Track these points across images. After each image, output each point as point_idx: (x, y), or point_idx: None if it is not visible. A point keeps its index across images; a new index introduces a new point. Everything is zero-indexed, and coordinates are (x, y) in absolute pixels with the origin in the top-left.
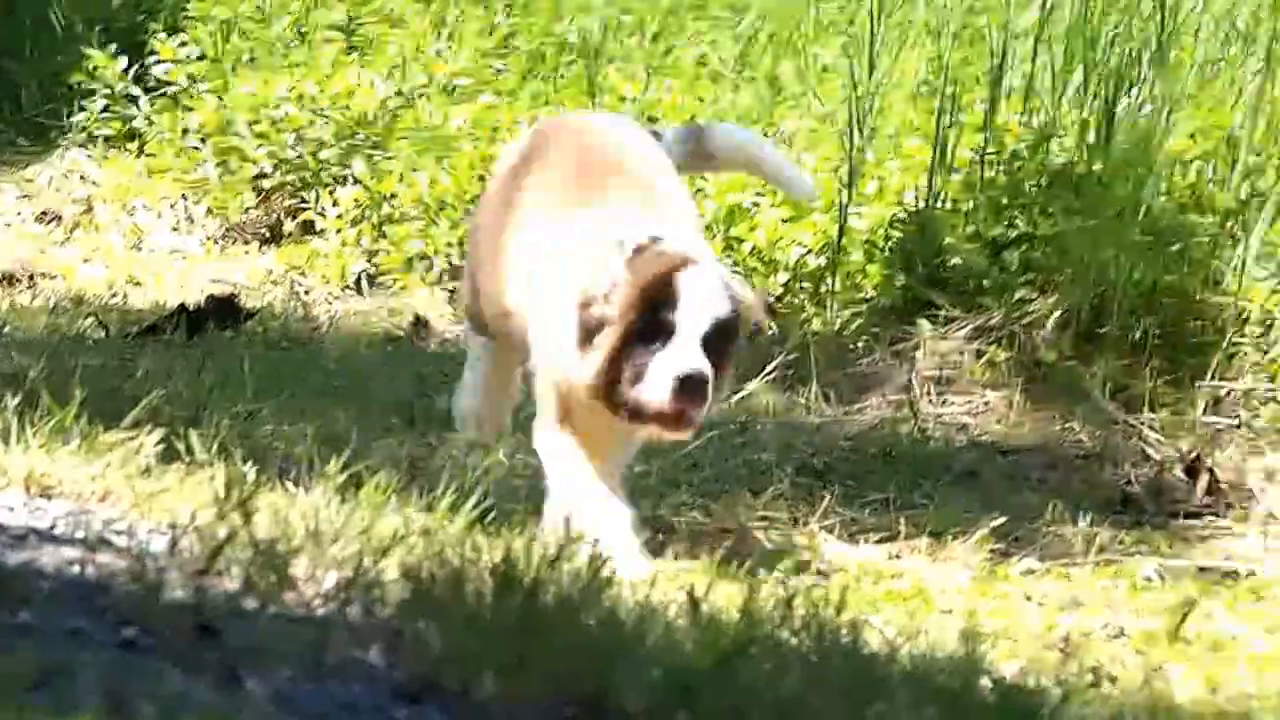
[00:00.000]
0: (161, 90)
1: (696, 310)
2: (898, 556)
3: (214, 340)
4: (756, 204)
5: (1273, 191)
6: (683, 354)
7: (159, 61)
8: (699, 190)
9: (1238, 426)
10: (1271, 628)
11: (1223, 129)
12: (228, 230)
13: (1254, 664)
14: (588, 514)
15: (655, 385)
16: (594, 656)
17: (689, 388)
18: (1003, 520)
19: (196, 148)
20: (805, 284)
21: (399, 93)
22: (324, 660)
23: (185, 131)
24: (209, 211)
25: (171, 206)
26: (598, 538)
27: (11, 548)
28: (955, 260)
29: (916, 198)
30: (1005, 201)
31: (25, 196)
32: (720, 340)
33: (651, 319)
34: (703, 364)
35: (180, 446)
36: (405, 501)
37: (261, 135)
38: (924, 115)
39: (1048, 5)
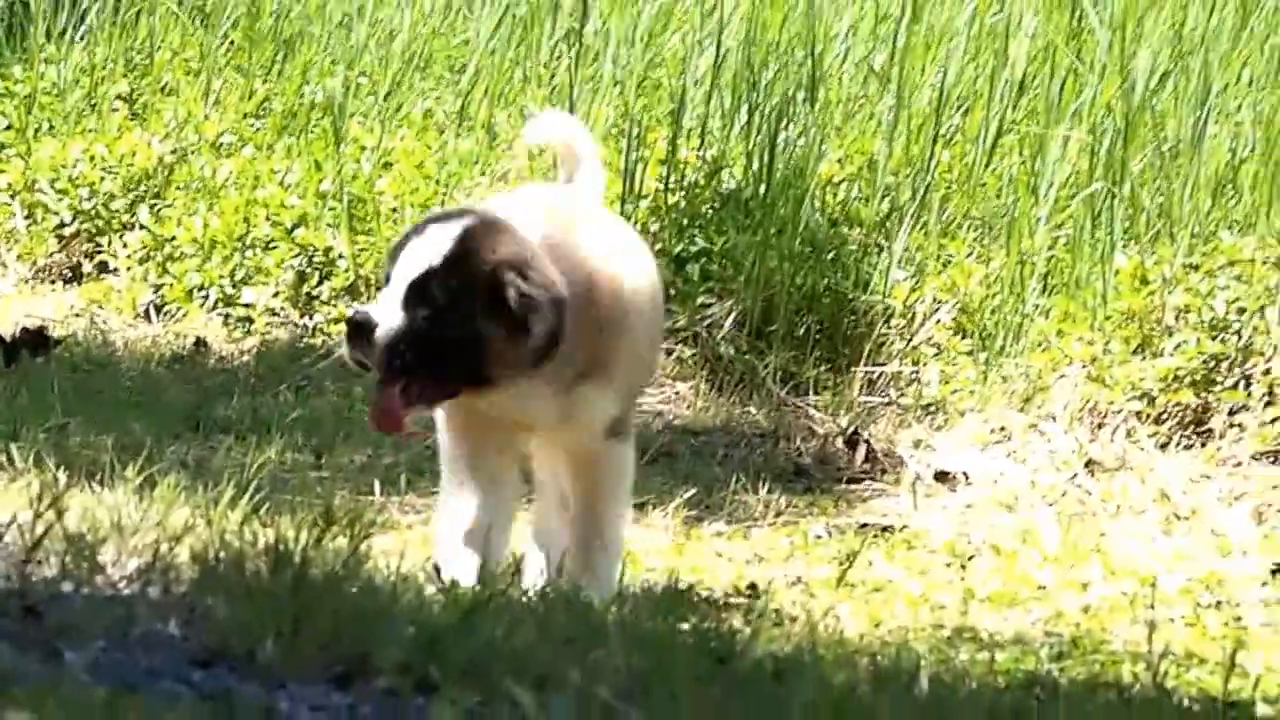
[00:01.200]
0: None
1: (405, 262)
2: None
3: (28, 367)
4: None
5: (908, 207)
6: (369, 304)
7: None
8: None
9: (888, 404)
10: (922, 571)
11: (865, 155)
12: (36, 272)
13: (909, 602)
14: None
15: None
16: (356, 620)
17: (352, 331)
18: (695, 491)
19: (7, 203)
20: None
21: (174, 150)
22: (130, 633)
23: None
24: (19, 257)
25: None
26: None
27: None
28: None
29: None
30: (686, 222)
31: None
32: (443, 295)
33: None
34: (374, 310)
35: (2, 458)
36: (193, 496)
37: (61, 191)
38: (615, 153)
39: (719, 56)
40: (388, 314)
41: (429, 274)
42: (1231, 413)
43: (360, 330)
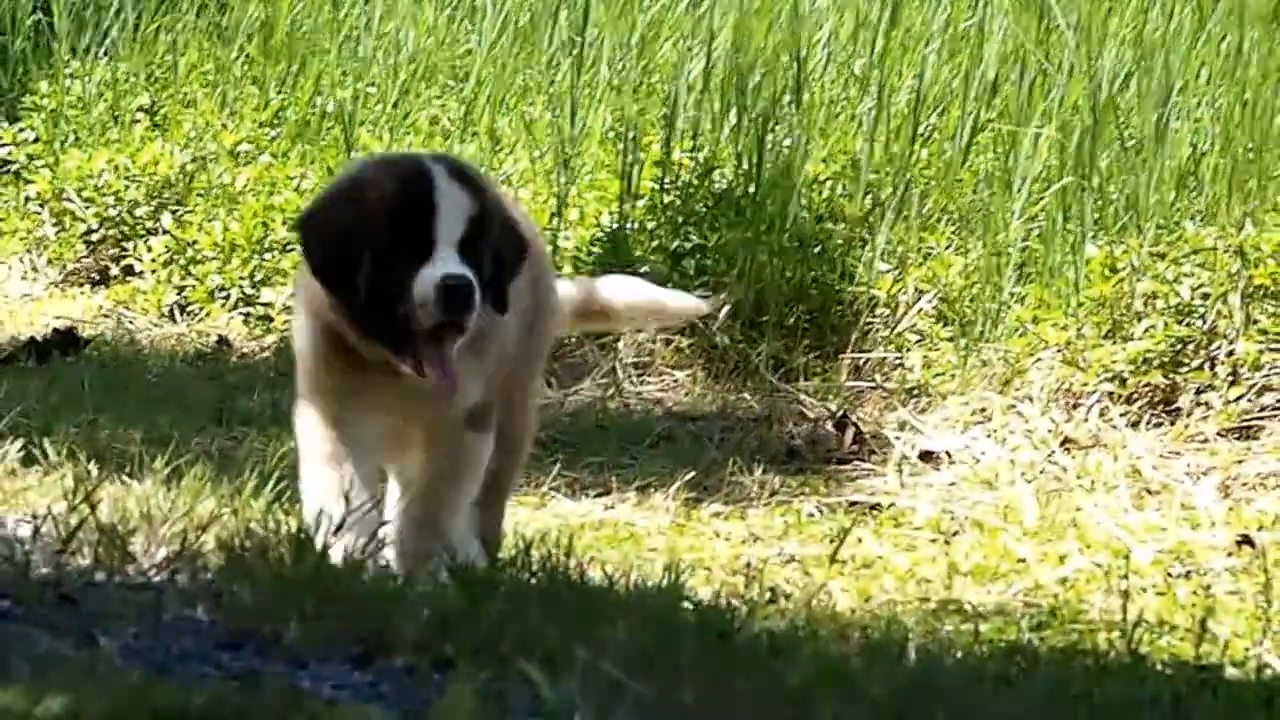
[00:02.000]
0: (5, 168)
1: (446, 212)
2: (612, 507)
3: (59, 365)
4: None
5: (890, 203)
6: (442, 262)
7: (1, 145)
8: None
9: (874, 388)
10: (909, 547)
11: (848, 154)
12: (65, 276)
13: (896, 577)
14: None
15: (419, 302)
16: (374, 603)
17: (454, 295)
18: (693, 474)
19: (37, 212)
20: None
21: (194, 159)
22: (161, 619)
23: (27, 200)
24: (49, 262)
25: (20, 260)
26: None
27: None
28: (644, 269)
29: (611, 221)
30: (680, 220)
31: None
32: (481, 242)
33: (400, 232)
34: (460, 271)
35: (37, 452)
36: (218, 487)
37: (88, 199)
38: (612, 155)
39: (709, 62)
40: (467, 273)
41: (472, 225)
42: (1198, 392)
43: (461, 294)
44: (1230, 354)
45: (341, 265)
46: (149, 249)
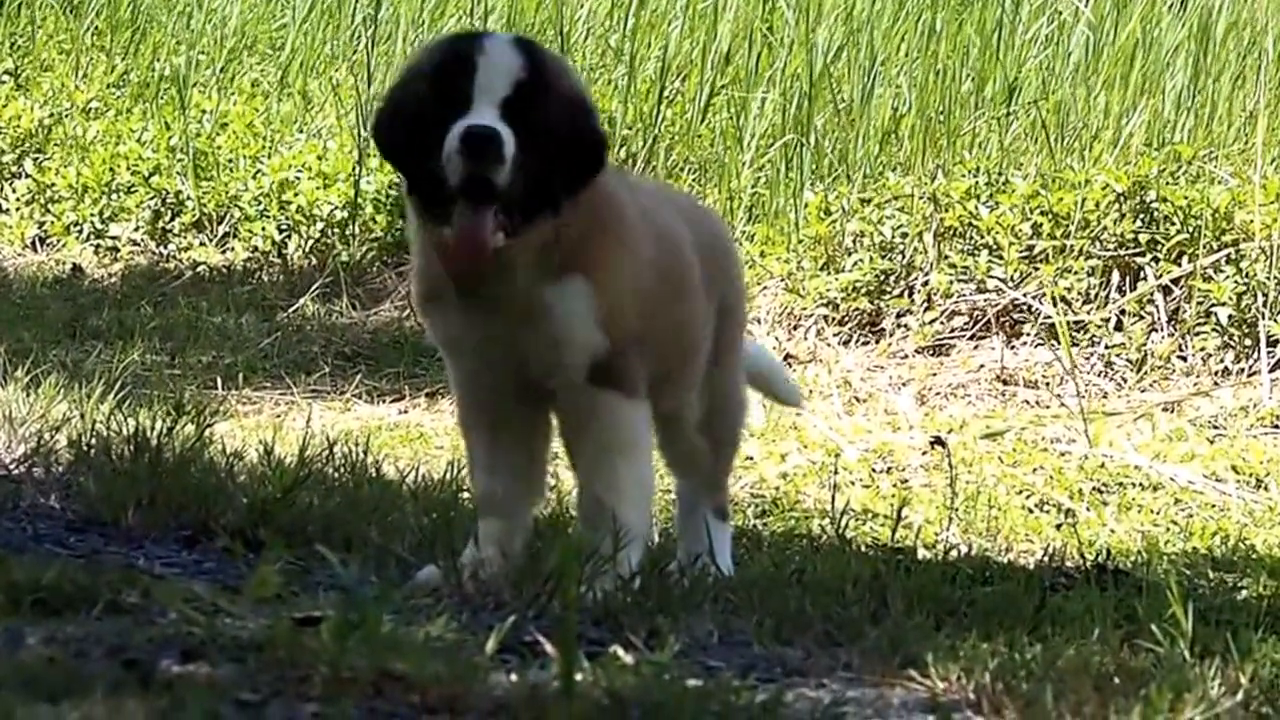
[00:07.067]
0: None
1: (487, 72)
2: (405, 412)
3: None
4: (299, 177)
5: (640, 154)
6: (475, 114)
7: None
8: (259, 170)
9: None
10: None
11: (605, 113)
12: None
13: None
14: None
15: (447, 156)
16: (200, 493)
17: (478, 145)
18: None
19: None
20: (335, 230)
21: (52, 115)
22: (19, 506)
23: None
24: None
25: None
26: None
27: None
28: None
29: None
30: None
31: None
32: (531, 112)
33: (440, 91)
34: (491, 124)
35: None
36: (70, 393)
37: None
38: None
39: None
40: (502, 129)
41: (524, 89)
42: (898, 316)
43: (487, 144)
44: (925, 284)
45: (396, 134)
46: (13, 190)
